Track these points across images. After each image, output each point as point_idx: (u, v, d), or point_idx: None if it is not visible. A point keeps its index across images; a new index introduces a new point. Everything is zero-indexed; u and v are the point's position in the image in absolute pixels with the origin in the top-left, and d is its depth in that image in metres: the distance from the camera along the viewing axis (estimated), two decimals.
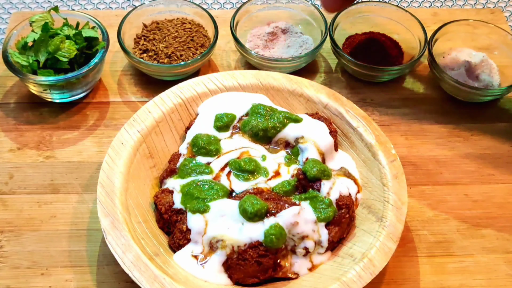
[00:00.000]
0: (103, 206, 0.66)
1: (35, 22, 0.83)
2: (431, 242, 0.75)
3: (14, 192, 0.77)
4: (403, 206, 0.68)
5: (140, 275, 0.61)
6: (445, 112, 0.89)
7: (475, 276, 0.72)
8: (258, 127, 0.72)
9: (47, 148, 0.82)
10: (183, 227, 0.66)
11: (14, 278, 0.69)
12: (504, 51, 0.92)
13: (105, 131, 0.84)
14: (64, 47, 0.81)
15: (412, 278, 0.71)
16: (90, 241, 0.73)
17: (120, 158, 0.70)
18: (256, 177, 0.69)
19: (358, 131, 0.75)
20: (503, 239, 0.75)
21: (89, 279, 0.70)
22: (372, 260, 0.63)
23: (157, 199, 0.70)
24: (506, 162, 0.83)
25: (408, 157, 0.83)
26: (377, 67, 0.88)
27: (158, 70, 0.87)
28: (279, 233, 0.63)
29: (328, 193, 0.68)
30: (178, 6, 0.93)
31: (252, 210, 0.63)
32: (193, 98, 0.77)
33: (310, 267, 0.66)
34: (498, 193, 0.80)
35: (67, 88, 0.82)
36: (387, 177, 0.70)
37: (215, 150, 0.72)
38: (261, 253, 0.63)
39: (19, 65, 0.81)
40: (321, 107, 0.78)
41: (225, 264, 0.64)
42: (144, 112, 0.75)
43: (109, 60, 0.92)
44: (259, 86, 0.79)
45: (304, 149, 0.71)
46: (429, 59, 0.89)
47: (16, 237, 0.73)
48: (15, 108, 0.86)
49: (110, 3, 1.06)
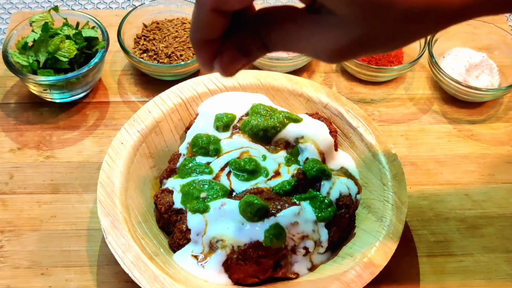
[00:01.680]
0: (103, 206, 0.66)
1: (35, 22, 0.83)
2: (431, 242, 0.75)
3: (14, 192, 0.77)
4: (403, 206, 0.68)
5: (140, 275, 0.61)
6: (445, 112, 0.89)
7: (475, 275, 0.72)
8: (258, 127, 0.72)
9: (47, 148, 0.82)
10: (183, 227, 0.66)
11: (14, 278, 0.69)
12: (504, 51, 0.92)
13: (105, 131, 0.84)
14: (64, 47, 0.81)
15: (412, 278, 0.71)
16: (90, 241, 0.73)
17: (120, 158, 0.70)
18: (256, 177, 0.69)
19: (358, 131, 0.75)
20: (503, 239, 0.75)
21: (89, 279, 0.70)
22: (372, 260, 0.63)
23: (157, 199, 0.70)
24: (506, 162, 0.83)
25: (408, 157, 0.83)
26: (377, 67, 0.88)
27: (158, 70, 0.87)
28: (279, 233, 0.63)
29: (328, 193, 0.68)
30: (178, 6, 0.93)
31: (252, 210, 0.63)
32: (193, 98, 0.77)
33: (310, 267, 0.66)
34: (498, 193, 0.80)
35: (67, 88, 0.82)
36: (387, 177, 0.70)
37: (215, 150, 0.72)
38: (261, 253, 0.63)
39: (19, 65, 0.81)
40: (321, 107, 0.78)
41: (225, 264, 0.64)
42: (144, 112, 0.75)
43: (109, 60, 0.92)
44: (259, 86, 0.79)
45: (304, 149, 0.71)
46: (429, 59, 0.89)
47: (16, 237, 0.73)
48: (15, 108, 0.86)
49: (110, 3, 1.06)
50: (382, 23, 0.37)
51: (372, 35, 0.38)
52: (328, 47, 0.40)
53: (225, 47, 0.44)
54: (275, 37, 0.42)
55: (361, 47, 0.39)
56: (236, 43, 0.44)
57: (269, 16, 0.43)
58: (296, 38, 0.41)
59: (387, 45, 0.40)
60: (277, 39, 0.42)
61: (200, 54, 0.44)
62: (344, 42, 0.39)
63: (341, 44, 0.39)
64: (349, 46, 0.39)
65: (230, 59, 0.44)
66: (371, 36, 0.38)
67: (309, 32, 0.40)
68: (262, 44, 0.43)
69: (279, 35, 0.42)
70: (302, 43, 0.41)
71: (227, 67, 0.45)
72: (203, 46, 0.43)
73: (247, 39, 0.43)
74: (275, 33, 0.42)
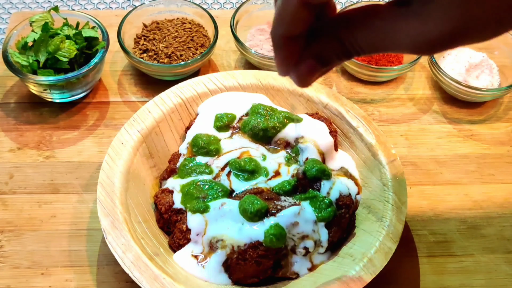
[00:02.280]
0: (103, 206, 0.66)
1: (35, 22, 0.83)
2: (431, 242, 0.75)
3: (14, 192, 0.77)
4: (403, 206, 0.68)
5: (140, 275, 0.61)
6: (445, 112, 0.89)
7: (475, 276, 0.72)
8: (258, 127, 0.72)
9: (47, 148, 0.82)
10: (183, 227, 0.66)
11: (14, 278, 0.69)
12: (504, 51, 0.92)
13: (105, 131, 0.84)
14: (64, 47, 0.81)
15: (412, 278, 0.71)
16: (90, 241, 0.73)
17: (120, 158, 0.70)
18: (256, 177, 0.69)
19: (358, 131, 0.75)
20: (503, 239, 0.75)
21: (89, 279, 0.70)
22: (372, 260, 0.63)
23: (157, 199, 0.70)
24: (506, 162, 0.83)
25: (408, 157, 0.83)
26: (377, 67, 0.88)
27: (158, 70, 0.87)
28: (279, 233, 0.63)
29: (328, 193, 0.68)
30: (178, 6, 0.93)
31: (252, 210, 0.63)
32: (193, 98, 0.77)
33: (310, 267, 0.66)
34: (498, 193, 0.80)
35: (67, 88, 0.82)
36: (387, 177, 0.70)
37: (215, 150, 0.72)
38: (261, 253, 0.63)
39: (19, 65, 0.81)
40: (321, 107, 0.78)
41: (225, 264, 0.64)
42: (144, 112, 0.75)
43: (109, 60, 0.92)
44: (259, 86, 0.79)
45: (304, 149, 0.71)
46: (429, 59, 0.89)
47: (16, 237, 0.73)
48: (15, 108, 0.86)
49: (110, 3, 1.06)
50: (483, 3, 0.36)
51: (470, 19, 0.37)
52: (420, 39, 0.38)
53: (303, 57, 0.43)
54: (361, 37, 0.40)
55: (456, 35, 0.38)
56: (315, 53, 0.42)
57: (350, 18, 0.41)
58: (383, 35, 0.39)
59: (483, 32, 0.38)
60: (362, 39, 0.40)
61: (279, 52, 0.43)
62: (439, 32, 0.37)
63: (436, 34, 0.37)
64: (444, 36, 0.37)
65: (308, 69, 0.43)
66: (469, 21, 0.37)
67: (399, 26, 0.38)
68: (342, 51, 0.41)
69: (364, 35, 0.40)
70: (391, 39, 0.39)
71: (304, 77, 0.44)
72: (285, 43, 0.42)
73: (327, 47, 0.42)
74: (360, 34, 0.40)
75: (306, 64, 0.43)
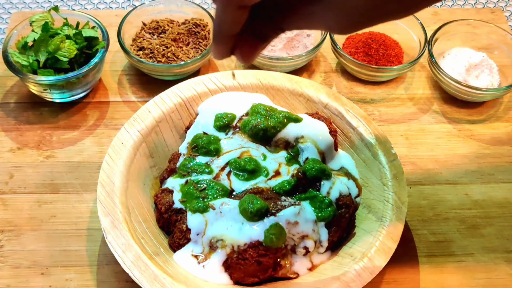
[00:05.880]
0: (103, 205, 0.66)
1: (35, 22, 0.83)
2: (431, 241, 0.75)
3: (14, 191, 0.77)
4: (403, 206, 0.68)
5: (140, 275, 0.61)
6: (445, 112, 0.89)
7: (475, 275, 0.72)
8: (258, 127, 0.72)
9: (47, 147, 0.82)
10: (183, 226, 0.66)
11: (14, 278, 0.69)
12: (504, 51, 0.92)
13: (105, 130, 0.84)
14: (64, 47, 0.81)
15: (412, 278, 0.71)
16: (90, 240, 0.73)
17: (120, 158, 0.70)
18: (256, 177, 0.69)
19: (358, 131, 0.75)
20: (503, 239, 0.75)
21: (89, 279, 0.70)
22: (372, 260, 0.63)
23: (157, 198, 0.70)
24: (506, 162, 0.83)
25: (408, 157, 0.83)
26: (377, 67, 0.88)
27: (158, 70, 0.87)
28: (279, 233, 0.63)
29: (328, 193, 0.68)
30: (178, 6, 0.93)
31: (252, 210, 0.63)
32: (193, 98, 0.77)
33: (310, 266, 0.66)
34: (498, 193, 0.80)
35: (67, 88, 0.82)
36: (387, 177, 0.70)
37: (215, 150, 0.72)
38: (261, 253, 0.63)
39: (19, 65, 0.81)
40: (321, 106, 0.78)
41: (225, 264, 0.64)
42: (144, 112, 0.75)
43: (109, 60, 0.92)
44: (259, 86, 0.79)
45: (304, 149, 0.71)
46: (429, 59, 0.89)
47: (16, 237, 0.73)
48: (15, 108, 0.86)
49: (110, 3, 1.06)
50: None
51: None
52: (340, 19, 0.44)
53: (243, 37, 0.48)
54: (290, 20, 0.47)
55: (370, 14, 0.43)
56: (253, 31, 0.48)
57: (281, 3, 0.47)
58: (309, 18, 0.46)
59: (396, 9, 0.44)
60: (290, 22, 0.47)
61: (221, 47, 0.48)
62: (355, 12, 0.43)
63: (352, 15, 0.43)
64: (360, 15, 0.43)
65: (250, 46, 0.49)
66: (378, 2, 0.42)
67: (321, 9, 0.44)
68: (277, 27, 0.48)
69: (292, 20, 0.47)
70: (315, 21, 0.46)
71: (248, 54, 0.49)
72: (226, 40, 0.47)
73: (263, 26, 0.48)
74: (289, 17, 0.47)
75: (248, 43, 0.49)
